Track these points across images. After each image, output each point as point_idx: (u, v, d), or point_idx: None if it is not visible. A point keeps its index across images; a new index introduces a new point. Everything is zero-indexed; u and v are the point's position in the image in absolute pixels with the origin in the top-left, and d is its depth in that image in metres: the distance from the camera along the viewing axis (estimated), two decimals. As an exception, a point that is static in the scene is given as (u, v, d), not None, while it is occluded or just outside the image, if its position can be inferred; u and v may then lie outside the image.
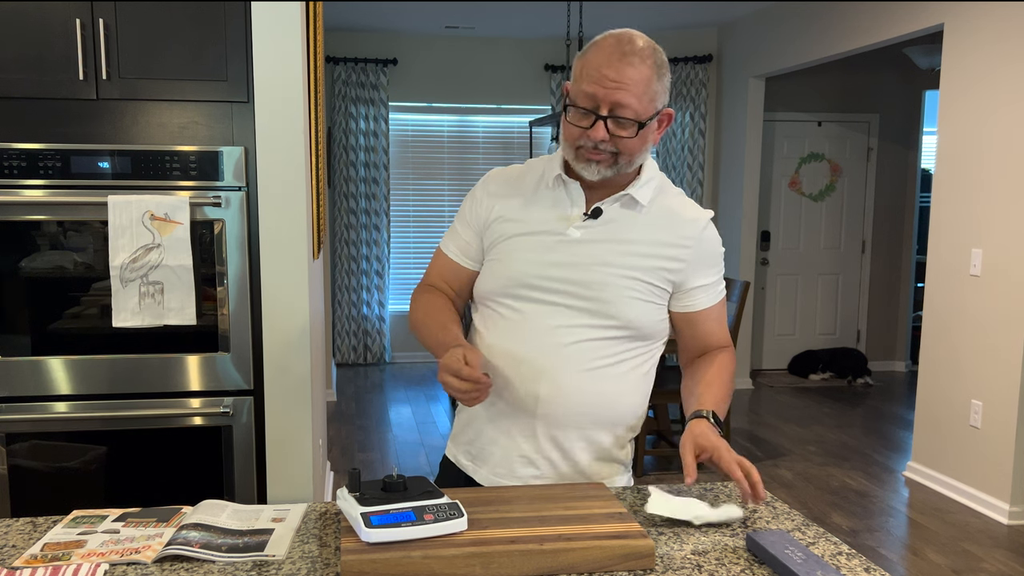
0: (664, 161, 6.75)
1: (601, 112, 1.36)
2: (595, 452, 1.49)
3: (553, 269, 1.44)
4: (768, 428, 5.34)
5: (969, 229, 4.04)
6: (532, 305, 1.45)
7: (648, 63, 1.36)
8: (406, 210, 7.09)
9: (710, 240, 1.50)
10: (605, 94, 1.35)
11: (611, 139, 1.38)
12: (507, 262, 1.48)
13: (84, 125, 2.31)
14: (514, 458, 1.48)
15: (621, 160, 1.41)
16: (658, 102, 1.40)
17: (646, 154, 1.46)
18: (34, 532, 1.30)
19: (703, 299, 1.51)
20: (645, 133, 1.40)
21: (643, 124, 1.37)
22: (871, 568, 1.18)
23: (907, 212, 6.90)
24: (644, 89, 1.36)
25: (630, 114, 1.36)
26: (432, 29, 6.62)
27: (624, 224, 1.46)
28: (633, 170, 1.46)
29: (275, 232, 2.34)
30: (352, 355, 7.01)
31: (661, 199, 1.50)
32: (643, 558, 1.16)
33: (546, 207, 1.48)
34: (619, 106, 1.35)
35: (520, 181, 1.53)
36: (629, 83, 1.34)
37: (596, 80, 1.35)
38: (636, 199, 1.46)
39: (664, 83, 1.40)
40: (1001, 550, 3.50)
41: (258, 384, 2.42)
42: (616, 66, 1.35)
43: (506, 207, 1.51)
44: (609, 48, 1.36)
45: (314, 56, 2.82)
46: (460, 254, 1.56)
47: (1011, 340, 3.77)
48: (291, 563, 1.18)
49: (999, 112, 3.85)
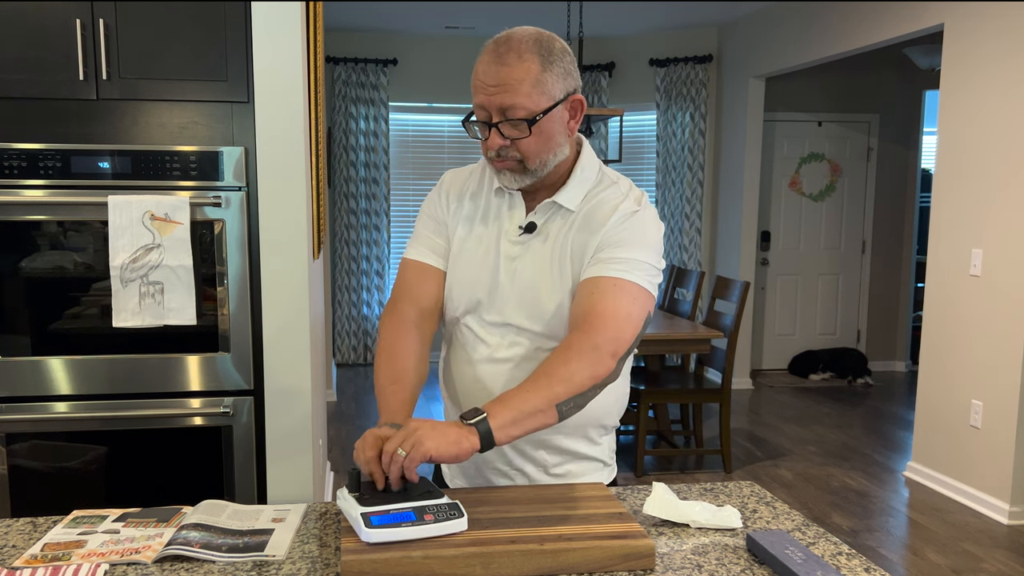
0: (664, 161, 6.74)
1: (492, 120, 1.33)
2: (567, 457, 1.47)
3: (491, 290, 1.43)
4: (768, 428, 5.34)
5: (969, 229, 4.04)
6: (476, 326, 1.45)
7: (528, 56, 1.31)
8: (406, 210, 7.09)
9: (616, 228, 1.38)
10: (490, 101, 1.32)
11: (511, 144, 1.34)
12: (453, 282, 1.47)
13: (84, 125, 2.31)
14: (487, 471, 1.49)
15: (529, 164, 1.36)
16: (554, 91, 1.33)
17: (560, 150, 1.39)
18: (34, 532, 1.30)
19: (589, 272, 1.37)
20: (545, 128, 1.34)
21: (534, 120, 1.32)
22: (871, 568, 1.18)
23: (907, 212, 6.90)
24: (530, 85, 1.31)
25: (520, 113, 1.31)
26: (432, 29, 6.62)
27: (555, 234, 1.41)
28: (560, 171, 1.42)
29: (275, 232, 2.34)
30: (352, 355, 7.01)
31: (592, 197, 1.43)
32: (643, 558, 1.16)
33: (489, 220, 1.46)
34: (507, 109, 1.31)
35: (475, 185, 1.51)
36: (509, 83, 1.30)
37: (481, 90, 1.33)
38: (563, 205, 1.41)
39: (557, 71, 1.33)
40: (1001, 550, 3.50)
41: (258, 384, 2.42)
42: (493, 70, 1.31)
43: (458, 216, 1.49)
44: (488, 55, 1.33)
45: (314, 56, 2.82)
46: (431, 254, 1.50)
47: (1011, 340, 3.77)
48: (291, 563, 1.18)
49: (999, 112, 3.85)
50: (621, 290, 1.33)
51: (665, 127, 6.75)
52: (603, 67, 6.87)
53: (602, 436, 1.51)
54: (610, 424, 1.51)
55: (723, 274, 6.42)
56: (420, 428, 1.17)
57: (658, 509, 1.33)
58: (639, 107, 6.93)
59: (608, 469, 1.54)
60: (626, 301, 1.33)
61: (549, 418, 1.24)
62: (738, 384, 6.28)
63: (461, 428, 1.19)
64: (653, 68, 6.79)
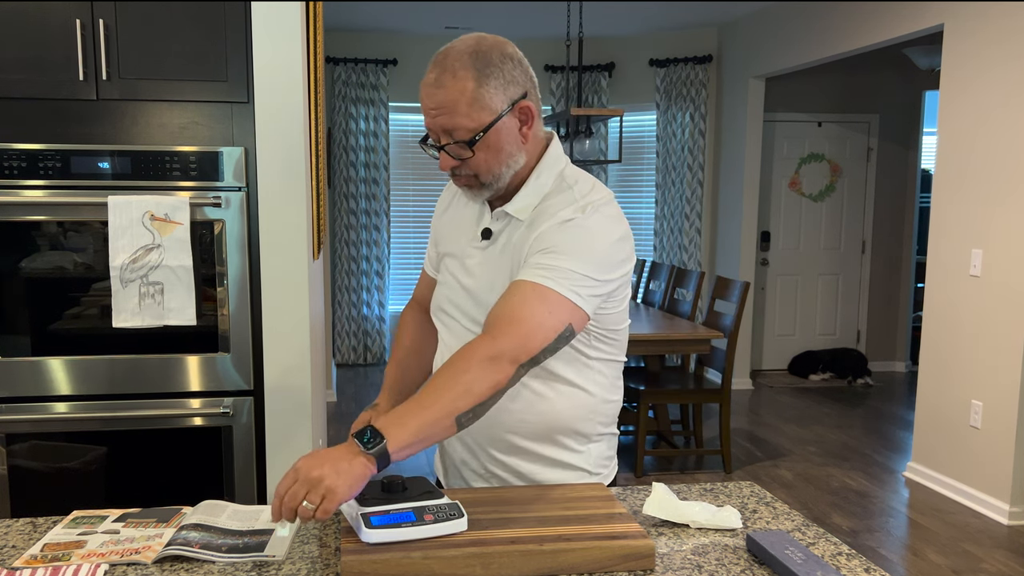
0: (664, 161, 6.74)
1: (441, 142, 1.33)
2: (543, 463, 1.45)
3: (459, 293, 1.45)
4: (768, 428, 5.34)
5: (969, 229, 4.04)
6: (448, 329, 1.49)
7: (462, 73, 1.28)
8: (406, 210, 7.09)
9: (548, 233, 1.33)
10: (433, 124, 1.31)
11: (461, 163, 1.33)
12: (437, 285, 1.54)
13: (84, 125, 2.31)
14: (467, 472, 1.49)
15: (483, 179, 1.35)
16: (494, 104, 1.30)
17: (512, 160, 1.36)
18: (34, 532, 1.30)
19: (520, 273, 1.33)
20: (492, 143, 1.32)
21: (474, 140, 1.30)
22: (871, 568, 1.18)
23: (907, 212, 6.90)
24: (467, 104, 1.28)
25: (463, 134, 1.30)
26: (432, 29, 6.62)
27: (510, 241, 1.40)
28: (519, 178, 1.39)
29: (275, 232, 2.34)
30: (352, 355, 7.01)
31: (544, 205, 1.38)
32: (643, 558, 1.16)
33: (463, 226, 1.49)
34: (449, 130, 1.30)
35: (459, 196, 1.54)
36: (447, 106, 1.28)
37: (424, 112, 1.32)
38: (511, 214, 1.39)
39: (494, 83, 1.29)
40: (1001, 550, 3.50)
41: (258, 384, 2.42)
42: (430, 92, 1.30)
43: (442, 224, 1.56)
44: (428, 75, 1.31)
45: (314, 56, 2.82)
46: (428, 263, 1.63)
47: (1011, 340, 3.77)
48: (291, 563, 1.18)
49: (999, 112, 3.85)
50: (539, 297, 1.27)
51: (665, 127, 6.75)
52: (603, 67, 6.88)
53: (583, 444, 1.46)
54: (589, 432, 1.46)
55: (723, 274, 6.42)
56: (323, 475, 1.11)
57: (658, 509, 1.33)
58: (639, 107, 6.93)
59: (595, 478, 1.49)
60: (541, 310, 1.26)
61: (448, 431, 1.21)
62: (738, 384, 6.28)
63: (359, 457, 1.13)
64: (653, 68, 6.79)
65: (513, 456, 1.44)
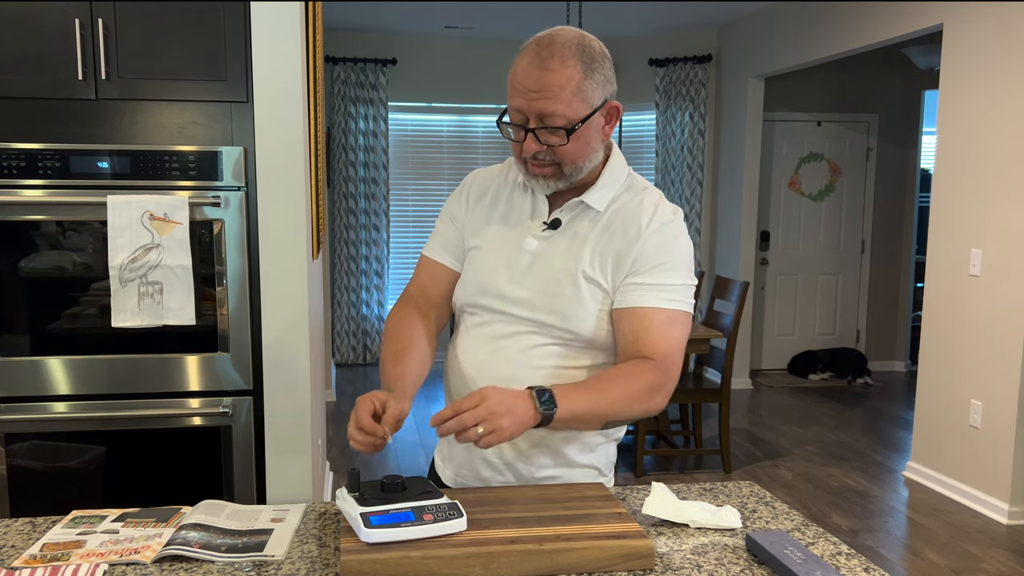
0: (664, 161, 6.74)
1: (530, 125, 1.32)
2: (559, 459, 1.46)
3: (510, 282, 1.43)
4: (768, 428, 5.34)
5: (969, 229, 4.04)
6: (492, 316, 1.45)
7: (571, 63, 1.29)
8: (405, 210, 7.09)
9: (654, 238, 1.39)
10: (529, 106, 1.31)
11: (547, 149, 1.34)
12: (473, 273, 1.49)
13: (83, 125, 2.31)
14: (477, 461, 1.47)
15: (566, 168, 1.36)
16: (593, 99, 1.32)
17: (595, 155, 1.39)
18: (33, 532, 1.29)
19: (638, 297, 1.37)
20: (583, 135, 1.34)
21: (573, 129, 1.31)
22: (870, 568, 1.18)
23: (907, 212, 6.90)
24: (571, 92, 1.29)
25: (560, 121, 1.30)
26: (431, 29, 6.62)
27: (580, 232, 1.41)
28: (591, 173, 1.42)
29: (274, 232, 2.34)
30: (352, 355, 7.01)
31: (622, 201, 1.43)
32: (643, 558, 1.16)
33: (513, 215, 1.47)
34: (546, 115, 1.30)
35: (497, 184, 1.52)
36: (551, 90, 1.29)
37: (520, 93, 1.31)
38: (590, 205, 1.41)
39: (597, 78, 1.32)
40: (1001, 550, 3.50)
41: (258, 384, 2.42)
42: (535, 75, 1.29)
43: (479, 215, 1.51)
44: (529, 56, 1.31)
45: (314, 56, 2.82)
46: (446, 254, 1.54)
47: (1011, 340, 3.77)
48: (290, 563, 1.18)
49: (998, 112, 3.85)
50: (675, 323, 1.37)
51: (664, 127, 6.75)
52: (602, 67, 6.87)
53: (599, 444, 1.49)
54: (606, 429, 1.48)
55: (722, 274, 6.42)
56: (503, 413, 1.20)
57: (657, 509, 1.33)
58: (638, 107, 6.93)
59: (604, 479, 1.52)
60: (679, 333, 1.38)
61: (593, 427, 1.32)
62: (737, 384, 6.28)
63: (532, 411, 1.23)
64: (653, 68, 6.79)
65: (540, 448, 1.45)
